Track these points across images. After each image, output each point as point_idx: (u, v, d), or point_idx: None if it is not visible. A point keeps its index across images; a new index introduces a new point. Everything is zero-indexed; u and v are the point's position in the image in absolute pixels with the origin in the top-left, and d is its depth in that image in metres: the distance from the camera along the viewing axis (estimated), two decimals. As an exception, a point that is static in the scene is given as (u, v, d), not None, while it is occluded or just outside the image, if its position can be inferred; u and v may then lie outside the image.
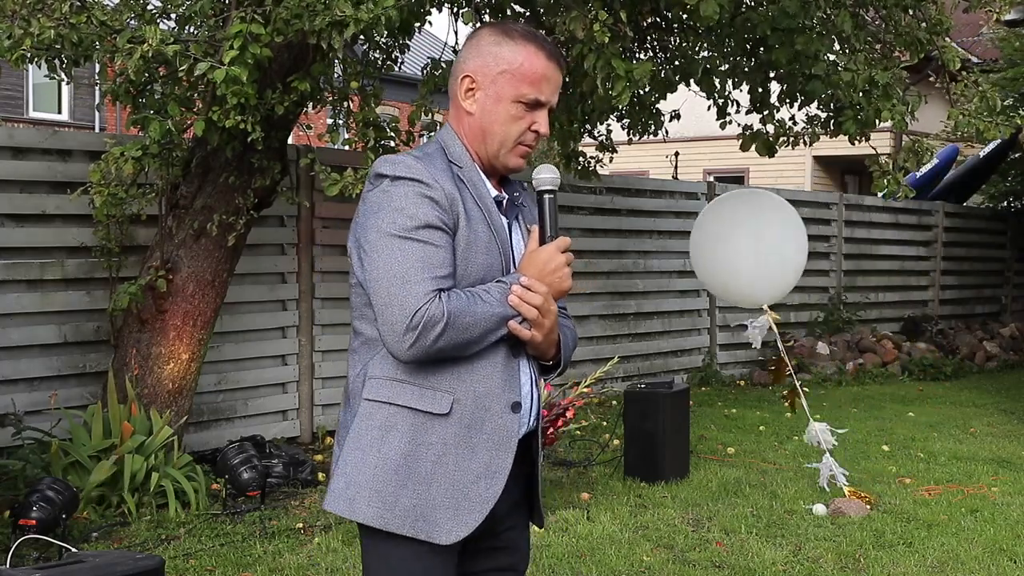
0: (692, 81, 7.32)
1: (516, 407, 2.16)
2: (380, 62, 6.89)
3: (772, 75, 7.29)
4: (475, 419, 2.12)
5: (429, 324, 2.01)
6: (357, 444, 2.14)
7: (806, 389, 6.23)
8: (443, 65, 6.50)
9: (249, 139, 5.34)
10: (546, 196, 2.21)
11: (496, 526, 2.25)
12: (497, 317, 2.10)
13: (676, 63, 7.54)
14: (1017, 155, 14.34)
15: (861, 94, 6.42)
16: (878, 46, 7.09)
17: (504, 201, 2.26)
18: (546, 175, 2.22)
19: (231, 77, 4.75)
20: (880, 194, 6.94)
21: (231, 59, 4.75)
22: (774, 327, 6.10)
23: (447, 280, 2.06)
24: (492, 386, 2.13)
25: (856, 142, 7.03)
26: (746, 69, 7.31)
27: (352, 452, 2.15)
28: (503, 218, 2.23)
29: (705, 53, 7.47)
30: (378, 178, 2.13)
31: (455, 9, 6.83)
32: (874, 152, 7.19)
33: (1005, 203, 15.17)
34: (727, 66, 7.38)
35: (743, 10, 6.73)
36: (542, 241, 2.19)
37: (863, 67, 6.18)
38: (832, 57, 6.69)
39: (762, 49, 7.11)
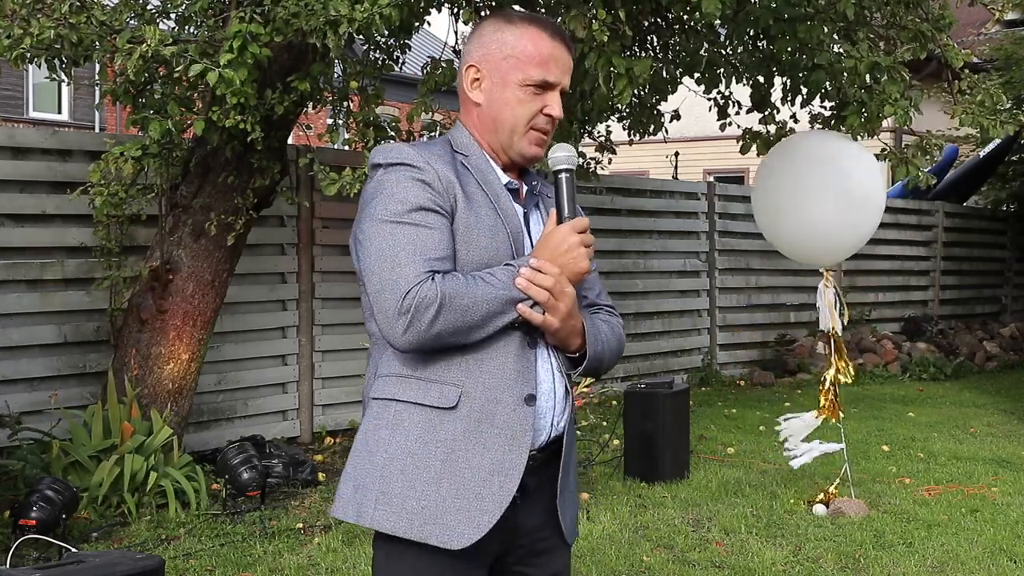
0: (694, 77, 7.31)
1: (530, 399, 2.02)
2: (380, 62, 6.88)
3: (775, 69, 7.27)
4: (485, 413, 1.99)
5: (422, 306, 1.90)
6: (366, 445, 2.04)
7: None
8: (443, 65, 6.49)
9: (249, 139, 5.34)
10: (562, 175, 2.09)
11: (525, 543, 2.10)
12: (502, 299, 1.97)
13: (677, 60, 7.53)
14: (1016, 156, 14.34)
15: (864, 91, 6.41)
16: (881, 43, 7.07)
17: (522, 190, 2.16)
18: (561, 153, 2.10)
19: (226, 79, 4.75)
20: (903, 182, 6.83)
21: (227, 61, 4.75)
22: (839, 290, 5.73)
23: (443, 262, 1.96)
24: (504, 377, 2.00)
25: (860, 138, 7.00)
26: (749, 63, 7.29)
27: (360, 454, 2.05)
28: (517, 206, 2.13)
29: (700, 53, 7.44)
30: (374, 168, 2.07)
31: (455, 9, 6.82)
32: (884, 146, 7.18)
33: (1005, 207, 15.17)
34: (730, 66, 7.37)
35: (744, 6, 6.71)
36: (559, 222, 2.08)
37: (865, 55, 6.16)
38: (836, 48, 6.66)
39: (764, 43, 7.10)
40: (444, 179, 2.02)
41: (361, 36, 5.83)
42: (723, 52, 7.31)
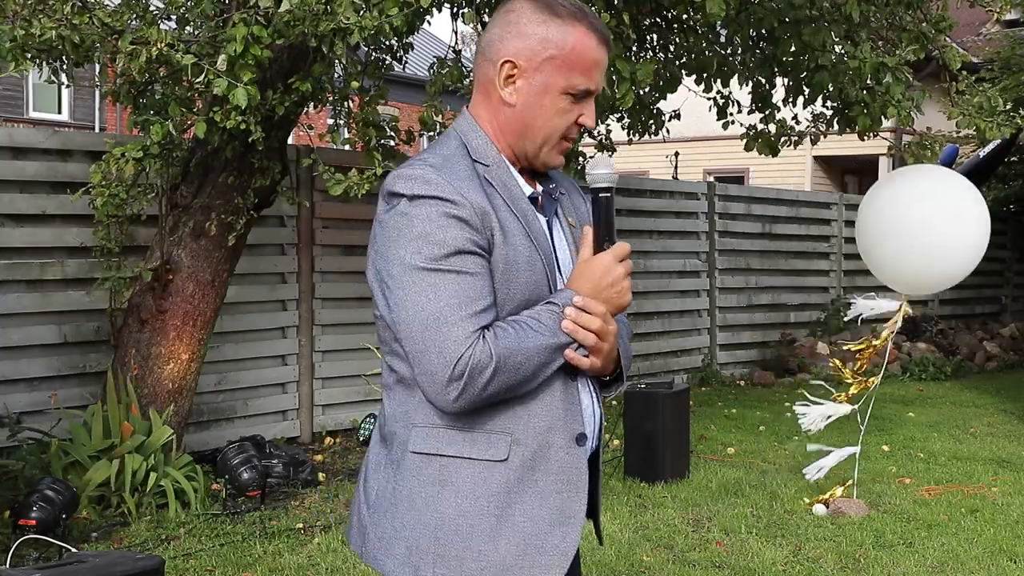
0: (695, 77, 7.31)
1: (581, 439, 1.88)
2: (382, 63, 6.88)
3: (777, 70, 7.28)
4: (538, 458, 1.84)
5: (476, 371, 1.73)
6: (412, 504, 1.86)
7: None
8: (449, 64, 6.50)
9: (250, 139, 5.33)
10: (602, 196, 1.90)
11: None
12: (550, 348, 1.81)
13: (678, 61, 7.53)
14: (1016, 158, 14.32)
15: (865, 91, 6.41)
16: (881, 43, 7.08)
17: (540, 197, 1.96)
18: (602, 171, 1.90)
19: (251, 95, 4.76)
20: None
21: (248, 79, 4.76)
22: (898, 322, 5.87)
23: (488, 313, 1.78)
24: (554, 419, 1.85)
25: (867, 138, 7.02)
26: (751, 64, 7.29)
27: (408, 513, 1.86)
28: (541, 219, 1.93)
29: (706, 52, 7.45)
30: (393, 197, 1.81)
31: (455, 9, 6.82)
32: (889, 144, 7.19)
33: (1005, 208, 15.16)
34: (730, 67, 7.37)
35: (747, 7, 6.72)
36: (598, 248, 1.89)
37: (869, 56, 6.16)
38: (839, 49, 6.67)
39: (766, 43, 7.10)
40: (480, 211, 1.79)
41: (366, 40, 5.83)
42: (723, 52, 7.30)
